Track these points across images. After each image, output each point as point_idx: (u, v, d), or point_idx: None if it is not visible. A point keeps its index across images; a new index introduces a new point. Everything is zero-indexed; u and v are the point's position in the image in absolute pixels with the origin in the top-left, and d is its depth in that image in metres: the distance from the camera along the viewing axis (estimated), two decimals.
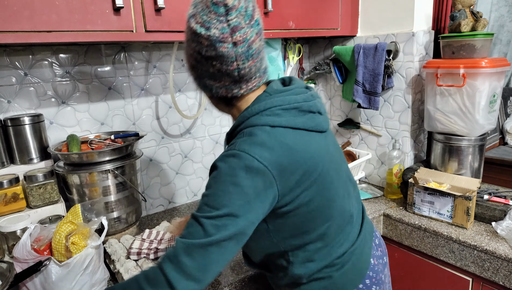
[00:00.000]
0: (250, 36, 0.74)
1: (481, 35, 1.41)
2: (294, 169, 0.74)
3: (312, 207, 0.79)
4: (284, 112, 0.78)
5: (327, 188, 0.80)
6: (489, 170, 1.65)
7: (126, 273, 1.07)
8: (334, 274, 0.85)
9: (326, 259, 0.85)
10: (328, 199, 0.81)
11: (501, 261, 1.18)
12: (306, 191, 0.77)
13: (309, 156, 0.77)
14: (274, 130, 0.76)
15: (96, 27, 1.08)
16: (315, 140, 0.81)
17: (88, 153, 1.20)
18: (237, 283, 1.13)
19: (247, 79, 0.78)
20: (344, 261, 0.86)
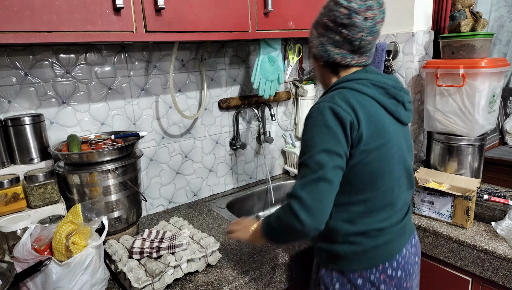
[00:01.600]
0: (378, 17, 0.92)
1: (481, 35, 1.42)
2: (367, 127, 0.89)
3: (367, 170, 0.91)
4: (373, 86, 0.94)
5: (384, 161, 0.92)
6: (489, 170, 1.65)
7: (129, 272, 1.07)
8: (366, 243, 0.95)
9: (364, 226, 0.95)
10: (381, 171, 0.92)
11: (500, 261, 1.18)
12: (368, 151, 0.89)
13: (381, 126, 0.91)
14: (359, 95, 0.92)
15: (97, 27, 1.09)
16: (391, 121, 0.95)
17: (88, 153, 1.20)
18: (237, 283, 1.13)
19: (361, 52, 0.96)
20: (378, 235, 0.96)
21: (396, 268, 0.98)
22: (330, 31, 0.94)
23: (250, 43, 1.83)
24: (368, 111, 0.90)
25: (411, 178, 1.05)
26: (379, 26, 0.94)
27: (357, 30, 0.91)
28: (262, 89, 1.69)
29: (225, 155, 1.88)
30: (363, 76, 0.95)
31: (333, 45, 0.95)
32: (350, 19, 0.90)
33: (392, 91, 0.95)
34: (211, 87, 1.75)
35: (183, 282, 1.14)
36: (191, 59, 1.66)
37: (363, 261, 0.97)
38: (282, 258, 1.25)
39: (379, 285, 0.97)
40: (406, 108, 0.99)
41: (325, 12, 0.96)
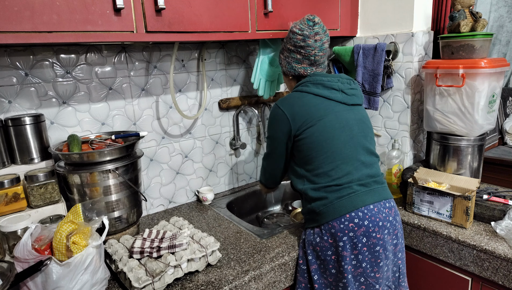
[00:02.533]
0: (324, 39, 1.31)
1: (481, 35, 1.42)
2: (302, 114, 1.22)
3: (311, 140, 1.21)
4: (311, 85, 1.27)
5: (324, 131, 1.20)
6: (488, 170, 1.65)
7: (130, 272, 1.07)
8: (330, 196, 1.19)
9: (324, 183, 1.20)
10: (323, 139, 1.20)
11: (500, 260, 1.19)
12: (308, 128, 1.21)
13: (315, 110, 1.22)
14: (299, 94, 1.27)
15: (97, 28, 1.09)
16: (328, 103, 1.24)
17: (89, 153, 1.20)
18: (237, 282, 1.13)
19: (317, 64, 1.32)
20: (339, 189, 1.19)
21: (363, 218, 1.16)
22: (292, 53, 1.32)
23: (250, 43, 1.83)
24: (303, 103, 1.23)
25: (365, 144, 1.26)
26: (326, 45, 1.32)
27: (311, 49, 1.28)
28: (262, 89, 1.70)
29: (225, 155, 1.88)
30: (306, 80, 1.29)
31: (297, 62, 1.32)
32: (305, 42, 1.28)
33: (328, 84, 1.25)
34: (211, 87, 1.75)
35: (183, 282, 1.14)
36: (191, 59, 1.66)
37: (332, 212, 1.18)
38: (282, 258, 1.25)
39: (349, 232, 1.15)
40: (347, 93, 1.26)
41: (287, 40, 1.33)
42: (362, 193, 1.19)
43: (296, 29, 1.29)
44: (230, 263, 1.23)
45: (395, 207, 1.26)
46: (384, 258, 1.19)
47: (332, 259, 1.18)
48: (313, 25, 1.28)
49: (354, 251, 1.16)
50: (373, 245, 1.16)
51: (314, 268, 1.22)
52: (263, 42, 1.65)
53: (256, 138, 1.98)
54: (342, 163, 1.20)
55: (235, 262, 1.23)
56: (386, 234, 1.19)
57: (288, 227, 1.47)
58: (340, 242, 1.16)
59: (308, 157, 1.22)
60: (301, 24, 1.29)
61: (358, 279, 1.18)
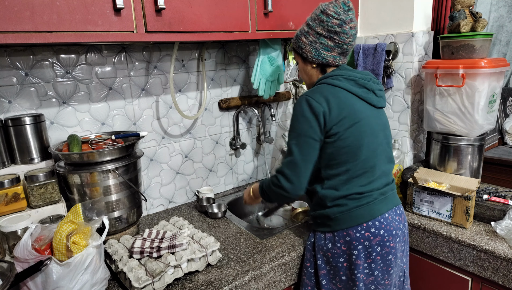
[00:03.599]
0: (356, 27, 1.18)
1: (481, 35, 1.42)
2: (339, 112, 1.10)
3: (345, 144, 1.11)
4: (344, 80, 1.15)
5: (358, 137, 1.12)
6: (488, 170, 1.65)
7: (130, 272, 1.07)
8: (350, 204, 1.14)
9: (346, 191, 1.14)
10: (357, 145, 1.12)
11: (500, 260, 1.19)
12: (343, 130, 1.11)
13: (352, 109, 1.12)
14: (333, 88, 1.14)
15: (97, 28, 1.09)
16: (362, 105, 1.15)
17: (89, 153, 1.20)
18: (237, 282, 1.13)
19: (345, 54, 1.20)
20: (360, 198, 1.14)
21: (379, 228, 1.14)
22: (322, 38, 1.16)
23: (250, 43, 1.83)
24: (340, 100, 1.12)
25: (387, 152, 1.22)
26: (357, 34, 1.24)
27: (346, 37, 1.15)
28: (262, 89, 1.70)
29: (225, 155, 1.88)
30: (337, 73, 1.18)
31: (326, 49, 1.17)
32: (342, 27, 1.14)
33: (361, 82, 1.16)
34: (211, 87, 1.75)
35: (183, 282, 1.14)
36: (191, 59, 1.66)
37: (348, 220, 1.14)
38: (282, 258, 1.25)
39: (364, 241, 1.13)
40: (377, 94, 1.19)
41: (317, 23, 1.17)
42: (379, 201, 1.16)
43: (331, 11, 1.14)
44: (230, 263, 1.23)
45: (404, 213, 1.25)
46: (394, 265, 1.19)
47: (344, 266, 1.16)
48: (348, 10, 1.15)
49: (367, 260, 1.15)
50: (386, 254, 1.15)
51: (323, 273, 1.21)
52: (263, 42, 1.65)
53: (256, 138, 1.98)
54: (367, 172, 1.15)
55: (235, 262, 1.23)
56: (398, 242, 1.18)
57: (288, 227, 1.47)
58: (354, 250, 1.13)
59: (335, 161, 1.13)
60: (335, 6, 1.14)
61: (369, 287, 1.17)
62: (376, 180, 1.17)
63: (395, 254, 1.17)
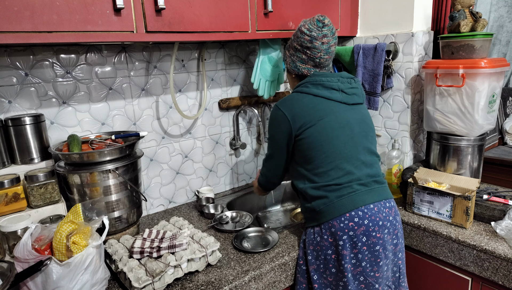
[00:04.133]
0: (331, 42, 1.28)
1: (481, 35, 1.42)
2: (301, 115, 1.22)
3: (311, 140, 1.21)
4: (311, 85, 1.26)
5: (323, 131, 1.21)
6: (488, 170, 1.65)
7: (130, 272, 1.07)
8: (330, 195, 1.19)
9: (324, 181, 1.21)
10: (321, 140, 1.20)
11: (500, 260, 1.19)
12: (308, 128, 1.21)
13: (314, 110, 1.22)
14: (299, 95, 1.26)
15: (97, 28, 1.09)
16: (328, 104, 1.24)
17: (89, 153, 1.20)
18: (237, 282, 1.13)
19: (321, 66, 1.31)
20: (339, 189, 1.19)
21: (363, 217, 1.16)
22: (298, 52, 1.30)
23: (250, 43, 1.83)
24: (303, 104, 1.23)
25: (365, 144, 1.26)
26: (333, 48, 1.30)
27: (317, 51, 1.26)
28: (262, 89, 1.70)
29: (225, 155, 1.88)
30: (306, 80, 1.28)
31: (301, 62, 1.30)
32: (312, 43, 1.25)
33: (327, 84, 1.25)
34: (211, 87, 1.75)
35: (183, 282, 1.14)
36: (191, 59, 1.66)
37: (331, 211, 1.18)
38: (282, 258, 1.25)
39: (349, 231, 1.16)
40: (347, 92, 1.26)
41: (294, 38, 1.31)
42: (362, 192, 1.19)
43: (304, 28, 1.26)
44: (230, 263, 1.23)
45: (395, 207, 1.26)
46: (384, 257, 1.19)
47: (332, 258, 1.19)
48: (322, 26, 1.25)
49: (353, 250, 1.16)
50: (373, 245, 1.16)
51: (313, 268, 1.23)
52: (263, 42, 1.65)
53: (256, 138, 1.98)
54: (342, 162, 1.20)
55: (235, 262, 1.23)
56: (386, 233, 1.19)
57: (288, 227, 1.47)
58: (340, 241, 1.16)
59: (308, 157, 1.22)
60: (310, 24, 1.26)
61: (358, 278, 1.18)
62: (353, 171, 1.21)
63: (383, 245, 1.18)
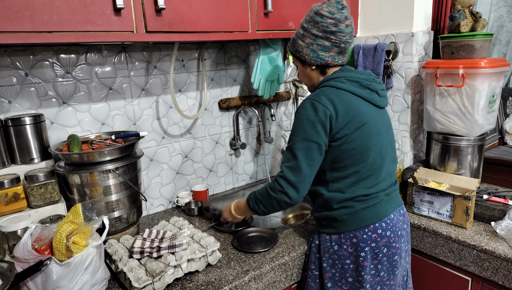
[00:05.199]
0: (352, 24, 1.16)
1: (481, 35, 1.42)
2: (345, 115, 1.09)
3: (352, 147, 1.10)
4: (348, 82, 1.14)
5: (365, 139, 1.11)
6: (489, 170, 1.65)
7: (130, 272, 1.07)
8: (356, 206, 1.13)
9: (353, 193, 1.13)
10: (364, 147, 1.11)
11: (500, 260, 1.19)
12: (350, 133, 1.09)
13: (357, 111, 1.11)
14: (337, 91, 1.12)
15: (97, 28, 1.09)
16: (367, 106, 1.14)
17: (89, 153, 1.20)
18: (237, 282, 1.13)
19: (344, 53, 1.18)
20: (366, 200, 1.13)
21: (385, 229, 1.14)
22: (319, 39, 1.15)
23: (250, 43, 1.83)
24: (345, 102, 1.10)
25: (392, 153, 1.22)
26: (354, 32, 1.19)
27: (343, 35, 1.14)
28: (262, 89, 1.70)
29: (225, 155, 1.88)
30: (340, 75, 1.16)
31: (324, 50, 1.16)
32: (337, 26, 1.12)
33: (365, 83, 1.15)
34: (211, 87, 1.75)
35: (183, 282, 1.14)
36: (191, 59, 1.66)
37: (355, 222, 1.13)
38: (282, 258, 1.25)
39: (371, 243, 1.13)
40: (380, 95, 1.18)
41: (311, 25, 1.15)
42: (385, 202, 1.16)
43: (324, 11, 1.12)
44: (230, 263, 1.23)
45: (406, 212, 1.26)
46: (399, 266, 1.19)
47: (350, 268, 1.16)
48: (342, 8, 1.13)
49: (374, 261, 1.15)
50: (392, 255, 1.15)
51: (328, 275, 1.20)
52: (263, 42, 1.65)
53: (256, 138, 1.98)
54: (373, 174, 1.14)
55: (235, 262, 1.23)
56: (403, 242, 1.19)
57: (288, 227, 1.47)
58: (361, 252, 1.13)
59: (341, 164, 1.12)
60: (329, 6, 1.13)
61: (375, 288, 1.17)
62: (381, 181, 1.16)
63: (400, 255, 1.18)
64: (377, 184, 1.15)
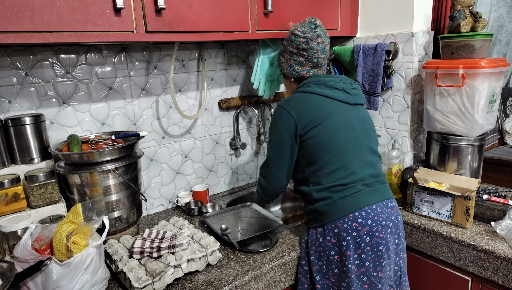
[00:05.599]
0: (325, 41, 1.32)
1: (481, 35, 1.42)
2: (307, 115, 1.21)
3: (316, 140, 1.20)
4: (314, 85, 1.26)
5: (329, 131, 1.20)
6: (488, 170, 1.65)
7: (130, 272, 1.07)
8: (334, 196, 1.19)
9: (329, 184, 1.20)
10: (326, 140, 1.20)
11: (500, 260, 1.19)
12: (312, 128, 1.20)
13: (318, 109, 1.21)
14: (303, 94, 1.26)
15: (97, 28, 1.09)
16: (332, 103, 1.24)
17: (89, 153, 1.20)
18: (237, 282, 1.13)
19: (319, 66, 1.33)
20: (343, 189, 1.19)
21: (366, 218, 1.16)
22: (294, 55, 1.31)
23: (250, 43, 1.83)
24: (307, 103, 1.23)
25: (368, 144, 1.26)
26: (327, 47, 1.33)
27: (314, 51, 1.29)
28: (262, 89, 1.70)
29: (225, 155, 1.88)
30: (308, 81, 1.29)
31: (299, 64, 1.32)
32: (308, 44, 1.28)
33: (330, 84, 1.25)
34: (211, 87, 1.75)
35: (183, 282, 1.14)
36: (191, 59, 1.66)
37: (335, 212, 1.18)
38: (282, 258, 1.25)
39: (352, 231, 1.16)
40: (349, 92, 1.27)
41: (288, 43, 1.33)
42: (366, 192, 1.19)
43: (298, 31, 1.29)
44: (230, 263, 1.23)
45: (397, 207, 1.27)
46: (386, 257, 1.19)
47: (335, 259, 1.18)
48: (315, 27, 1.28)
49: (357, 251, 1.16)
50: (376, 245, 1.17)
51: (316, 269, 1.22)
52: (263, 42, 1.65)
53: (256, 138, 1.98)
54: (347, 163, 1.20)
55: (235, 262, 1.23)
56: (389, 233, 1.19)
57: (288, 227, 1.47)
58: (343, 241, 1.16)
59: (313, 158, 1.22)
60: (303, 26, 1.29)
61: (361, 279, 1.18)
62: (357, 171, 1.20)
63: (386, 245, 1.18)
64: (352, 174, 1.20)
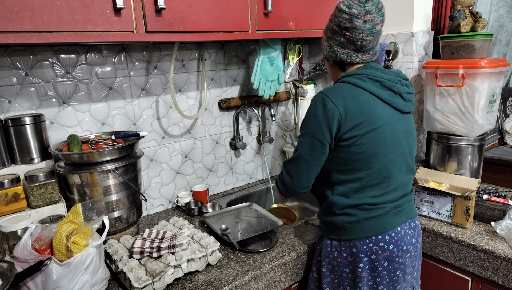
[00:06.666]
0: (376, 19, 1.06)
1: (481, 35, 1.42)
2: (356, 116, 1.03)
3: (360, 150, 1.04)
4: (368, 80, 1.07)
5: (376, 144, 1.04)
6: (489, 170, 1.65)
7: (130, 272, 1.07)
8: (359, 215, 1.08)
9: (358, 200, 1.08)
10: (373, 152, 1.04)
11: (500, 260, 1.19)
12: (359, 135, 1.03)
13: (372, 114, 1.04)
14: (354, 88, 1.06)
15: (97, 28, 1.09)
16: (386, 109, 1.06)
17: (89, 153, 1.20)
18: (237, 282, 1.13)
19: (364, 50, 1.10)
20: (371, 209, 1.07)
21: (389, 242, 1.08)
22: (336, 34, 1.10)
23: (250, 43, 1.83)
24: (359, 102, 1.04)
25: (409, 162, 1.14)
26: (378, 27, 1.08)
27: (358, 32, 1.06)
28: (262, 89, 1.70)
29: (225, 155, 1.88)
30: (361, 72, 1.09)
31: (340, 46, 1.11)
32: (351, 23, 1.05)
33: (387, 84, 1.07)
34: (211, 87, 1.75)
35: (183, 282, 1.14)
36: (191, 59, 1.66)
37: (357, 231, 1.09)
38: (282, 258, 1.25)
39: (371, 254, 1.08)
40: (404, 98, 1.10)
41: (332, 18, 1.12)
42: (392, 214, 1.09)
43: (343, 5, 1.07)
44: (230, 263, 1.23)
45: (419, 226, 1.19)
46: (402, 281, 1.14)
47: (348, 277, 1.14)
48: (365, 1, 1.05)
49: (373, 273, 1.11)
50: (394, 270, 1.11)
51: (327, 281, 1.18)
52: (263, 42, 1.65)
53: (256, 138, 1.98)
54: (382, 182, 1.07)
55: (235, 262, 1.23)
56: (408, 257, 1.13)
57: (288, 227, 1.47)
58: (360, 263, 1.10)
59: (347, 167, 1.07)
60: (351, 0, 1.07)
61: None
62: (391, 191, 1.09)
63: (403, 270, 1.12)
64: (386, 193, 1.08)
